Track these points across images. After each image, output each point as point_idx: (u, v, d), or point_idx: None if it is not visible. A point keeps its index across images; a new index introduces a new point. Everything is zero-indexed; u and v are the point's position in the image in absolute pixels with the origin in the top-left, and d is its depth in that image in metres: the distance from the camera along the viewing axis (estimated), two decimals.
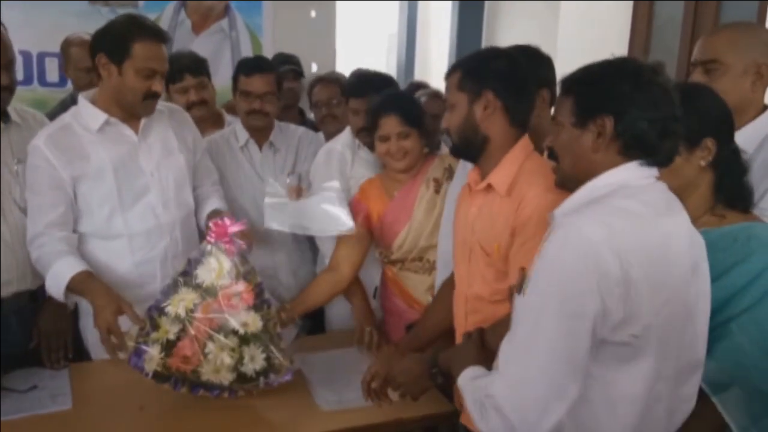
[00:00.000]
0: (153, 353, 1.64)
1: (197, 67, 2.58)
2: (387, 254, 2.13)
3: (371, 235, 2.15)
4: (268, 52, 3.53)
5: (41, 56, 3.12)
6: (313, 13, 3.81)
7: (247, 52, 3.55)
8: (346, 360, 2.03)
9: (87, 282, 1.80)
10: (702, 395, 1.31)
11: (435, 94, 3.15)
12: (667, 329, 1.17)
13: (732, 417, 1.31)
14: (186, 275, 1.73)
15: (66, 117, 1.96)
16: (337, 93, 2.77)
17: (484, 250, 1.56)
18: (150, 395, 1.79)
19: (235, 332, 1.67)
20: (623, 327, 1.13)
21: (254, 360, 1.67)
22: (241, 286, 1.71)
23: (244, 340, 1.68)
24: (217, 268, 1.71)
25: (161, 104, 2.08)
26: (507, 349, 1.18)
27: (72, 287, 1.80)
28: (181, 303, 1.67)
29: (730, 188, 1.41)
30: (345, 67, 3.83)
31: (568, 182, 1.28)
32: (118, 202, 1.95)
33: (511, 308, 1.26)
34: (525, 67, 1.58)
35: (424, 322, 1.89)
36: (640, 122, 1.18)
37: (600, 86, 1.22)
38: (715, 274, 1.28)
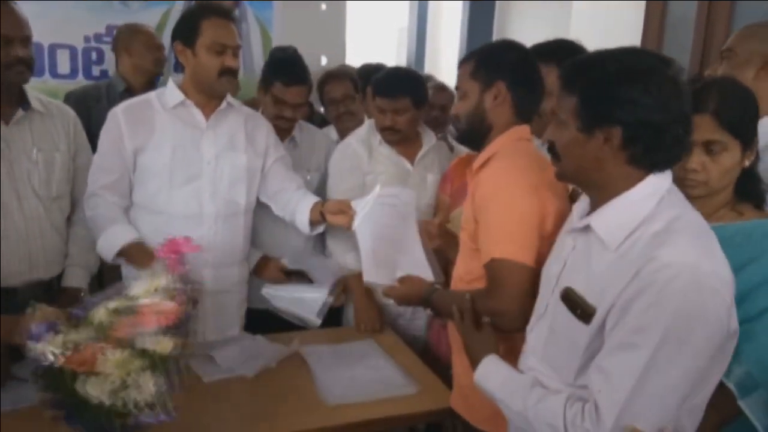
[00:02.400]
0: (58, 340, 1.40)
1: None
2: (445, 221, 2.18)
3: None
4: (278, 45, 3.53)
5: (52, 48, 3.12)
6: (323, 6, 3.80)
7: (257, 44, 3.55)
8: (353, 355, 2.04)
9: (141, 251, 1.93)
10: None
11: (441, 87, 3.14)
12: None
13: (758, 419, 1.31)
14: (121, 286, 1.54)
15: (151, 94, 2.10)
16: (350, 88, 2.75)
17: (461, 225, 1.62)
18: None
19: (139, 353, 1.42)
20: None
21: (141, 389, 1.40)
22: (167, 306, 1.51)
23: (144, 362, 1.42)
24: (149, 284, 1.53)
25: (242, 107, 2.17)
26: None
27: (124, 252, 1.94)
28: (100, 313, 1.45)
29: (747, 184, 1.42)
30: (355, 60, 3.82)
31: (568, 180, 1.28)
32: (167, 179, 2.01)
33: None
34: (535, 62, 1.61)
35: None
36: (650, 131, 1.12)
37: (607, 92, 1.13)
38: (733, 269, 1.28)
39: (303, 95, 2.37)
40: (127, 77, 2.95)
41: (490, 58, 1.59)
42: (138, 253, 1.92)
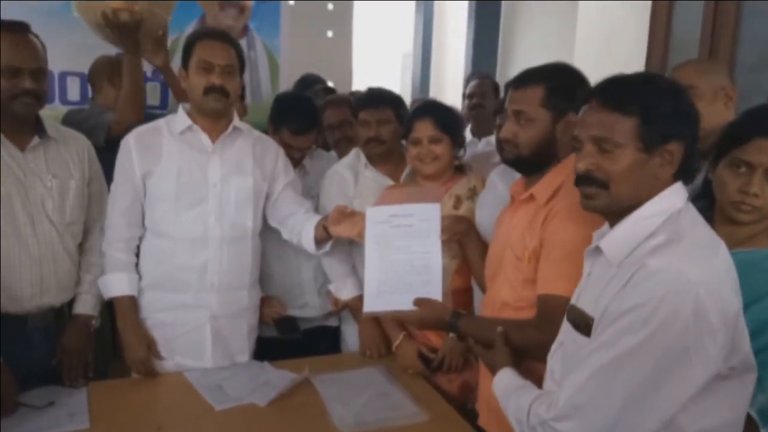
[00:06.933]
0: None
1: None
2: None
3: None
4: (286, 72, 3.56)
5: (63, 76, 3.15)
6: (329, 33, 3.85)
7: (264, 71, 3.58)
8: (363, 380, 2.02)
9: (125, 310, 2.03)
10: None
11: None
12: None
13: None
14: None
15: (161, 121, 2.13)
16: (347, 114, 2.74)
17: (515, 254, 1.59)
18: (168, 415, 1.80)
19: None
20: (725, 362, 1.11)
21: None
22: None
23: None
24: None
25: (252, 131, 2.19)
26: (575, 383, 1.14)
27: (114, 303, 2.04)
28: None
29: None
30: (361, 86, 3.86)
31: (614, 209, 1.21)
32: (173, 203, 2.03)
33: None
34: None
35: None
36: (694, 146, 1.17)
37: (667, 108, 1.15)
38: (756, 295, 1.27)
39: (311, 140, 2.41)
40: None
41: (562, 87, 1.56)
42: (124, 311, 2.03)
